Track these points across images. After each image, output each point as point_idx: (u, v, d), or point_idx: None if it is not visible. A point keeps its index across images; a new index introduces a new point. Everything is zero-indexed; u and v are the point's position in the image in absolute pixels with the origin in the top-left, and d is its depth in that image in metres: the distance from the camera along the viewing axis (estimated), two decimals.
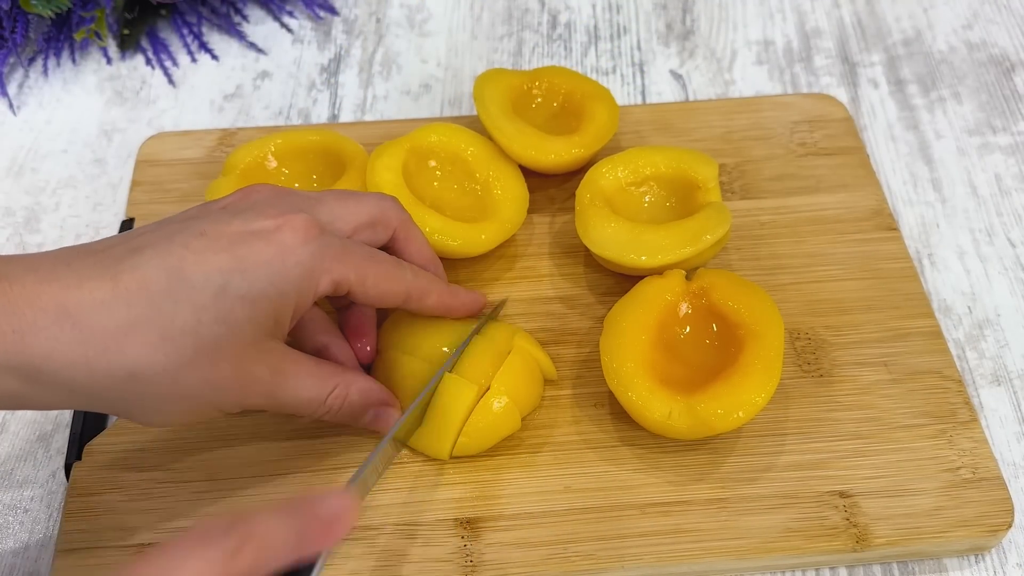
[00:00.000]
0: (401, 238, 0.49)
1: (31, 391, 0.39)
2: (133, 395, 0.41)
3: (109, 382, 0.40)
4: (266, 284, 0.41)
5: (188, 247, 0.41)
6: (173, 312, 0.40)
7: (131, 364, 0.39)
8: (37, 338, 0.38)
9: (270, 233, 0.42)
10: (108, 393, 0.40)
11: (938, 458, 0.50)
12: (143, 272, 0.40)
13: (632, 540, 0.47)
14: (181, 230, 0.42)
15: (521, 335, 0.52)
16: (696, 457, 0.50)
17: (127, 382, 0.40)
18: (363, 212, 0.47)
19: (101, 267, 0.40)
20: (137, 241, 0.41)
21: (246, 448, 0.50)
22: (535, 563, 0.47)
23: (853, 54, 0.72)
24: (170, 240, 0.41)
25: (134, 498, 0.49)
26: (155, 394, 0.41)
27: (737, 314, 0.51)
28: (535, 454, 0.50)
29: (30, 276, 0.39)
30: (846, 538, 0.47)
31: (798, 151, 0.63)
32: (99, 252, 0.41)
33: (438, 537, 0.48)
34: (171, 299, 0.40)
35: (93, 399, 0.41)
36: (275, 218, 0.43)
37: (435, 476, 0.49)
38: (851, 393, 0.52)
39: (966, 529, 0.48)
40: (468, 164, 0.58)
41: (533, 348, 0.52)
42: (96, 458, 0.50)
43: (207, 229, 0.42)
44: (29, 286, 0.39)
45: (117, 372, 0.39)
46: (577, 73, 0.64)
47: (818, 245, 0.58)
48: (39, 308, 0.38)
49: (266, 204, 0.44)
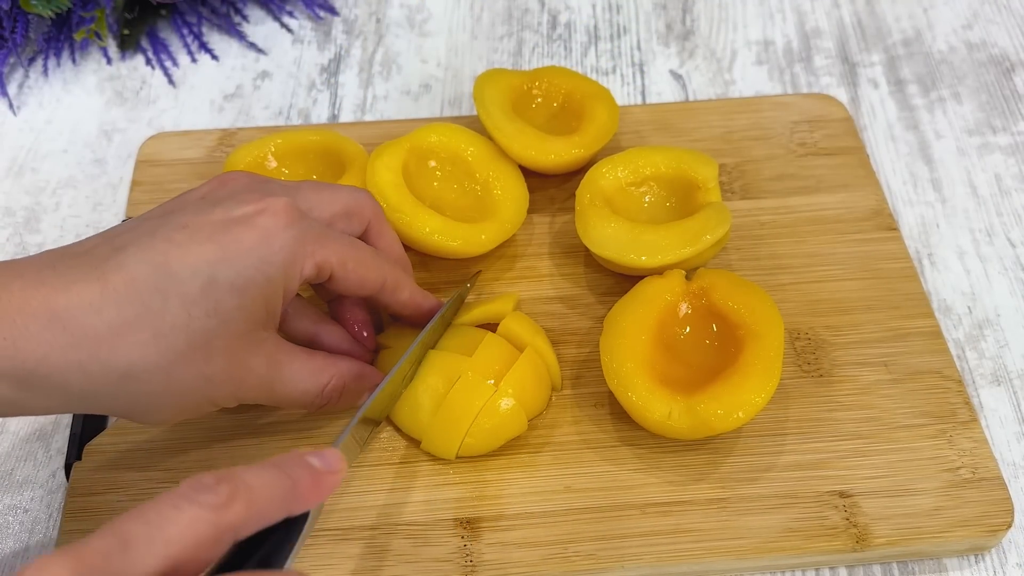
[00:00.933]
0: (375, 231, 0.49)
1: (26, 397, 0.39)
2: (128, 394, 0.41)
3: (104, 383, 0.40)
4: (253, 271, 0.41)
5: (171, 241, 0.41)
6: (163, 309, 0.40)
7: (125, 364, 0.39)
8: (29, 344, 0.38)
9: (252, 218, 0.42)
10: (103, 394, 0.40)
11: (938, 458, 0.50)
12: (129, 270, 0.40)
13: (632, 540, 0.47)
14: (162, 224, 0.42)
15: (541, 337, 0.52)
16: (696, 457, 0.50)
17: (122, 382, 0.40)
18: (339, 202, 0.47)
19: (87, 268, 0.40)
20: (120, 240, 0.41)
21: (246, 448, 0.50)
22: (535, 563, 0.47)
23: (853, 54, 0.73)
24: (152, 235, 0.41)
25: (134, 498, 0.49)
26: (150, 392, 0.41)
27: (737, 314, 0.51)
28: (535, 454, 0.50)
29: (17, 282, 0.39)
30: (846, 538, 0.47)
31: (798, 151, 0.63)
32: (83, 253, 0.41)
33: (438, 537, 0.48)
34: (160, 295, 0.40)
35: (88, 401, 0.41)
36: (255, 203, 0.43)
37: (435, 476, 0.49)
38: (851, 393, 0.52)
39: (966, 529, 0.48)
40: (468, 164, 0.58)
41: (547, 352, 0.52)
42: (96, 458, 0.50)
43: (188, 221, 0.41)
44: (17, 292, 0.38)
45: (111, 373, 0.39)
46: (577, 73, 0.64)
47: (818, 245, 0.58)
48: (29, 314, 0.38)
49: (244, 191, 0.44)
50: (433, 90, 0.71)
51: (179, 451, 0.50)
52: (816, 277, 0.57)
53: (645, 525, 0.48)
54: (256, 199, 0.43)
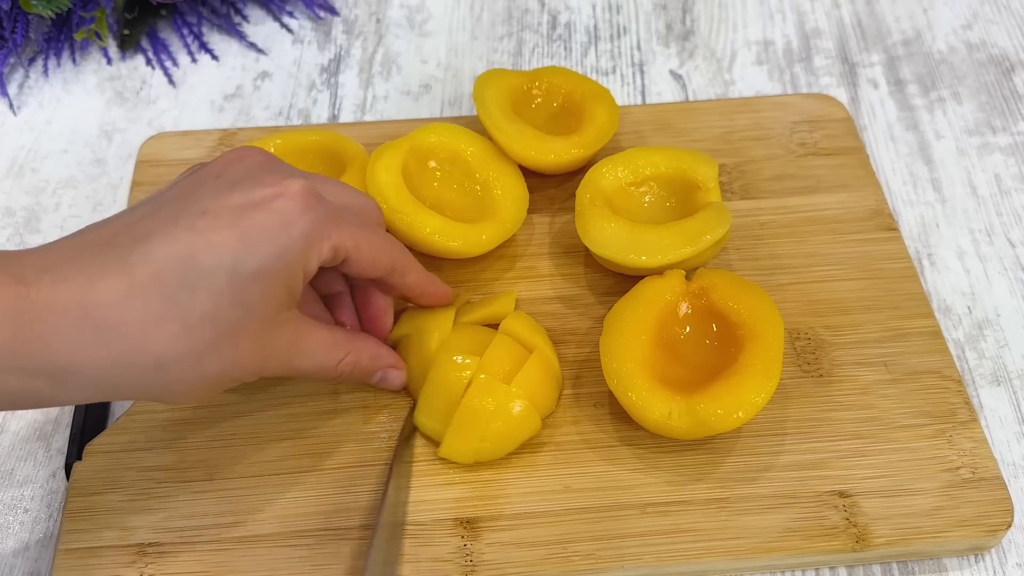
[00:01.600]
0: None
1: (59, 391, 0.40)
2: (159, 383, 0.41)
3: (136, 375, 0.40)
4: (274, 259, 0.42)
5: (194, 229, 0.41)
6: (191, 302, 0.40)
7: (155, 357, 0.40)
8: (62, 342, 0.39)
9: (270, 203, 0.42)
10: (135, 384, 0.41)
11: (938, 458, 0.50)
12: (154, 263, 0.40)
13: (632, 540, 0.47)
14: (183, 209, 0.42)
15: (543, 336, 0.52)
16: (696, 457, 0.50)
17: (153, 372, 0.40)
18: (347, 194, 0.48)
19: (112, 261, 0.40)
20: (142, 227, 0.41)
21: (246, 448, 0.50)
22: (535, 563, 0.47)
23: (853, 54, 0.73)
24: (175, 223, 0.41)
25: (134, 498, 0.49)
26: (180, 379, 0.41)
27: (737, 314, 0.51)
28: (535, 454, 0.50)
29: (45, 277, 0.39)
30: (846, 538, 0.47)
31: (798, 151, 0.63)
32: (105, 243, 0.41)
33: (438, 537, 0.48)
34: (187, 289, 0.40)
35: (121, 391, 0.41)
36: (273, 186, 0.43)
37: (435, 476, 0.49)
38: (851, 393, 0.52)
39: (966, 529, 0.48)
40: (468, 164, 0.58)
41: (550, 351, 0.52)
42: (96, 458, 0.50)
43: (208, 206, 0.42)
44: (46, 289, 0.39)
45: (143, 366, 0.40)
46: (577, 73, 0.64)
47: (818, 245, 0.58)
48: (59, 313, 0.38)
49: (260, 170, 0.44)
50: (433, 90, 0.71)
51: (179, 451, 0.50)
52: (816, 277, 0.57)
53: (644, 525, 0.48)
54: (274, 181, 0.43)
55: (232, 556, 0.47)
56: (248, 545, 0.47)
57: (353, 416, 0.52)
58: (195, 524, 0.48)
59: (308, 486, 0.49)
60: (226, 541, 0.48)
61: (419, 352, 0.51)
